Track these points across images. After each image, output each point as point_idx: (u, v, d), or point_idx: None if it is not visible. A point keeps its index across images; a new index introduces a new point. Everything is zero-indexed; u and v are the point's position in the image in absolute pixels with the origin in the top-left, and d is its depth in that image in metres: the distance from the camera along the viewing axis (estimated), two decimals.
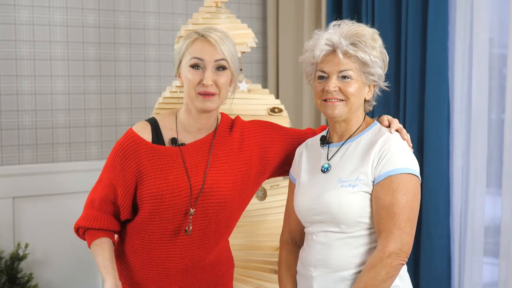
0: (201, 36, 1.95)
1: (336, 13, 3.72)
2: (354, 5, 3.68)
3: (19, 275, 3.45)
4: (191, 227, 1.95)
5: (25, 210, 3.57)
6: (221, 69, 1.95)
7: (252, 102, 2.73)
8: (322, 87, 1.92)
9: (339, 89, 1.89)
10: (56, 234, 3.64)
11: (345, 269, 1.87)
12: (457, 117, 3.19)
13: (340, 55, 1.88)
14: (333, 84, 1.89)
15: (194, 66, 1.94)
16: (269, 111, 2.73)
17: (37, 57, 3.59)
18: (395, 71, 3.44)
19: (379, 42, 1.94)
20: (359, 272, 1.86)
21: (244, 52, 2.69)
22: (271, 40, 4.23)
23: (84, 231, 2.03)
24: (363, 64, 1.89)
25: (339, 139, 1.98)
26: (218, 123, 2.07)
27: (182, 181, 1.95)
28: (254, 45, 2.72)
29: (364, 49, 1.88)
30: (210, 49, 1.93)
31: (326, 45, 1.89)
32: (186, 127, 2.02)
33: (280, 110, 2.74)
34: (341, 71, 1.89)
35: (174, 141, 1.99)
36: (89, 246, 2.02)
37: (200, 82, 1.93)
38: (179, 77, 2.01)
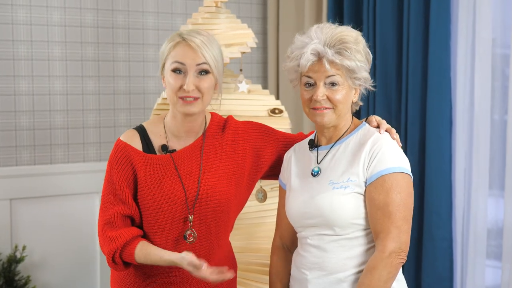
0: (183, 40, 1.93)
1: (337, 12, 3.72)
2: (355, 4, 3.67)
3: (17, 278, 3.45)
4: (191, 234, 1.95)
5: (22, 212, 3.57)
6: (204, 73, 1.93)
7: (252, 103, 2.73)
8: (309, 95, 1.92)
9: (327, 97, 1.90)
10: (54, 236, 3.64)
11: (340, 271, 1.88)
12: (460, 117, 3.18)
13: (327, 65, 1.88)
14: (321, 93, 1.89)
15: (176, 71, 1.92)
16: (270, 112, 2.72)
17: (34, 57, 3.58)
18: (396, 71, 3.43)
19: (362, 43, 1.94)
20: (355, 273, 1.87)
21: (244, 52, 2.69)
22: (271, 40, 4.23)
23: (120, 253, 1.91)
24: (349, 70, 1.90)
25: (327, 142, 1.99)
26: (207, 125, 2.06)
27: (177, 189, 1.94)
28: (254, 45, 2.72)
29: (350, 57, 1.88)
30: (192, 54, 1.91)
31: (312, 55, 1.89)
32: (174, 131, 2.01)
33: (281, 111, 2.73)
34: (328, 77, 1.89)
35: (164, 148, 1.98)
36: (136, 262, 1.92)
37: (181, 87, 1.91)
38: (163, 79, 2.00)
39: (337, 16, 3.67)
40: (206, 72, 1.93)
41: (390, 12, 3.44)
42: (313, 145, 2.02)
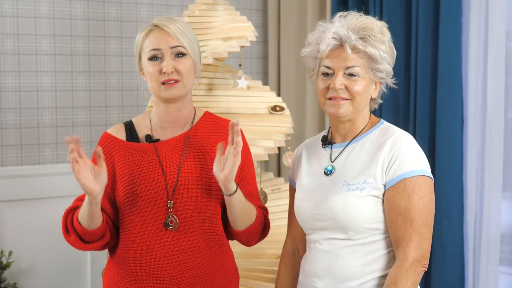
0: (155, 27, 2.04)
1: (342, 5, 3.72)
2: None
3: (3, 285, 3.45)
4: (172, 220, 1.98)
5: (8, 215, 3.56)
6: (180, 55, 2.03)
7: (252, 100, 2.73)
8: (326, 84, 1.91)
9: (345, 87, 1.89)
10: (42, 241, 3.63)
11: (352, 279, 1.87)
12: (471, 116, 3.18)
13: (349, 50, 1.87)
14: (339, 81, 1.88)
15: (153, 58, 2.02)
16: (270, 110, 2.72)
17: (21, 51, 3.58)
18: (405, 68, 3.43)
19: (387, 36, 1.94)
20: (368, 281, 1.86)
21: (243, 47, 2.68)
22: (272, 34, 4.23)
23: (72, 216, 2.00)
24: (372, 60, 1.89)
25: (342, 140, 1.98)
26: (198, 119, 2.11)
27: (156, 174, 2.01)
28: (254, 39, 2.71)
29: (374, 44, 1.88)
30: (165, 37, 2.01)
31: (333, 39, 1.89)
32: (160, 123, 2.10)
33: (282, 109, 2.73)
34: (348, 67, 1.88)
35: (148, 137, 2.08)
36: (77, 220, 1.96)
37: (161, 72, 2.00)
38: (143, 73, 2.09)
39: (342, 8, 3.66)
40: (183, 54, 2.03)
41: (398, 4, 3.44)
42: (326, 142, 2.01)
